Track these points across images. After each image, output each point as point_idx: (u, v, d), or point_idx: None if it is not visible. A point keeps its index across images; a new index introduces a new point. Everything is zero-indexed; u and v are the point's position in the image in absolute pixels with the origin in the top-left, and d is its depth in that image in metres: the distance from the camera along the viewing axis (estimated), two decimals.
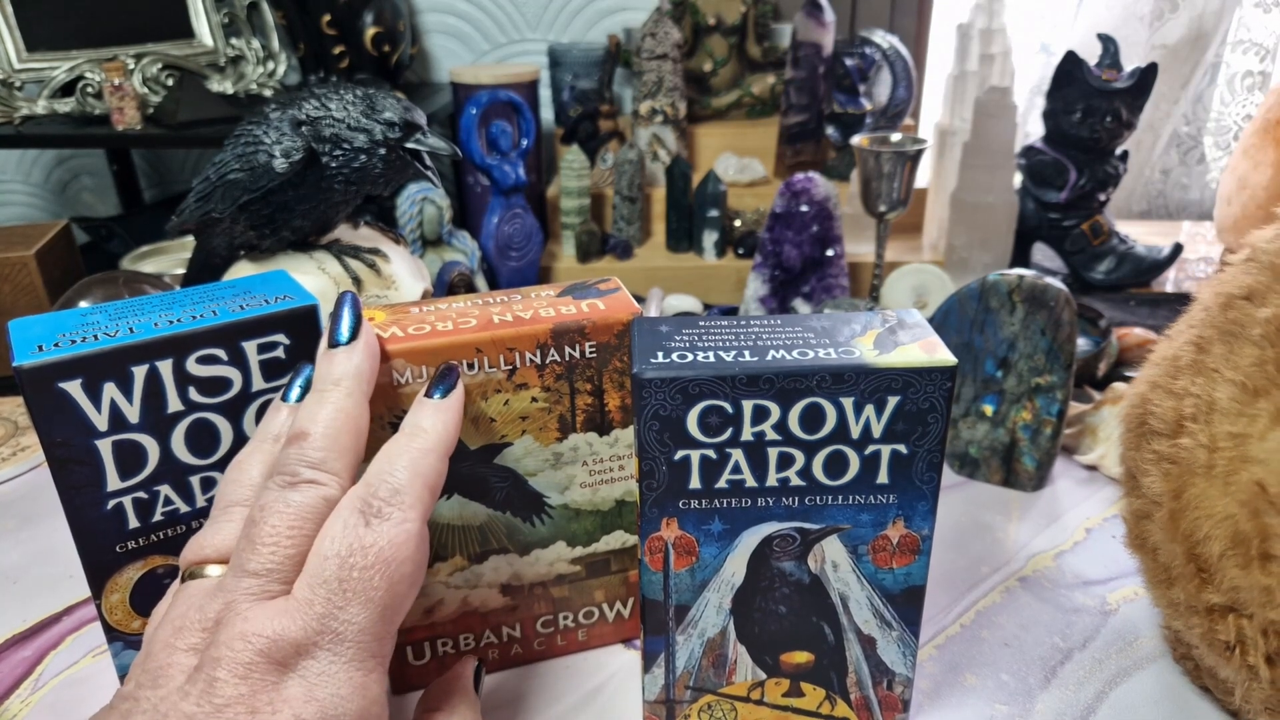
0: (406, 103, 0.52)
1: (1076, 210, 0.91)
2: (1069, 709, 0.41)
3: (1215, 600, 0.35)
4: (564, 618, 0.43)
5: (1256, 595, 0.33)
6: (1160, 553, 0.38)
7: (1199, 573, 0.35)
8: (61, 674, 0.45)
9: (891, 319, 0.35)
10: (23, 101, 1.02)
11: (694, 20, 1.05)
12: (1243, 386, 0.33)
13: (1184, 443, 0.35)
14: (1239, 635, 0.34)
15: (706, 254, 0.93)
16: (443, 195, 0.81)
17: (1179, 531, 0.35)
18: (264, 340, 0.38)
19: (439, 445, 0.32)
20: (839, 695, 0.38)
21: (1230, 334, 0.35)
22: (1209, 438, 0.34)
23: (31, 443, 0.68)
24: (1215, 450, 0.34)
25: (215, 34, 1.09)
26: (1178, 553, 0.36)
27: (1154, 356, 0.40)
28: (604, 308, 0.38)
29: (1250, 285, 0.35)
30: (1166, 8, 1.10)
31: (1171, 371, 0.37)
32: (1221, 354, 0.35)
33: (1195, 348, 0.36)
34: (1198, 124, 1.20)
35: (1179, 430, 0.36)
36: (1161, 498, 0.36)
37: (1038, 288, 0.54)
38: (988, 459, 0.58)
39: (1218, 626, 0.35)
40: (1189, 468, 0.35)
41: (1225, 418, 0.34)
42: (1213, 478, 0.34)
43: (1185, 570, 0.36)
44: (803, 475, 0.33)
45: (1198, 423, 0.35)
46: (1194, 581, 0.35)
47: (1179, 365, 0.37)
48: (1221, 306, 0.36)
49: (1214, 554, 0.34)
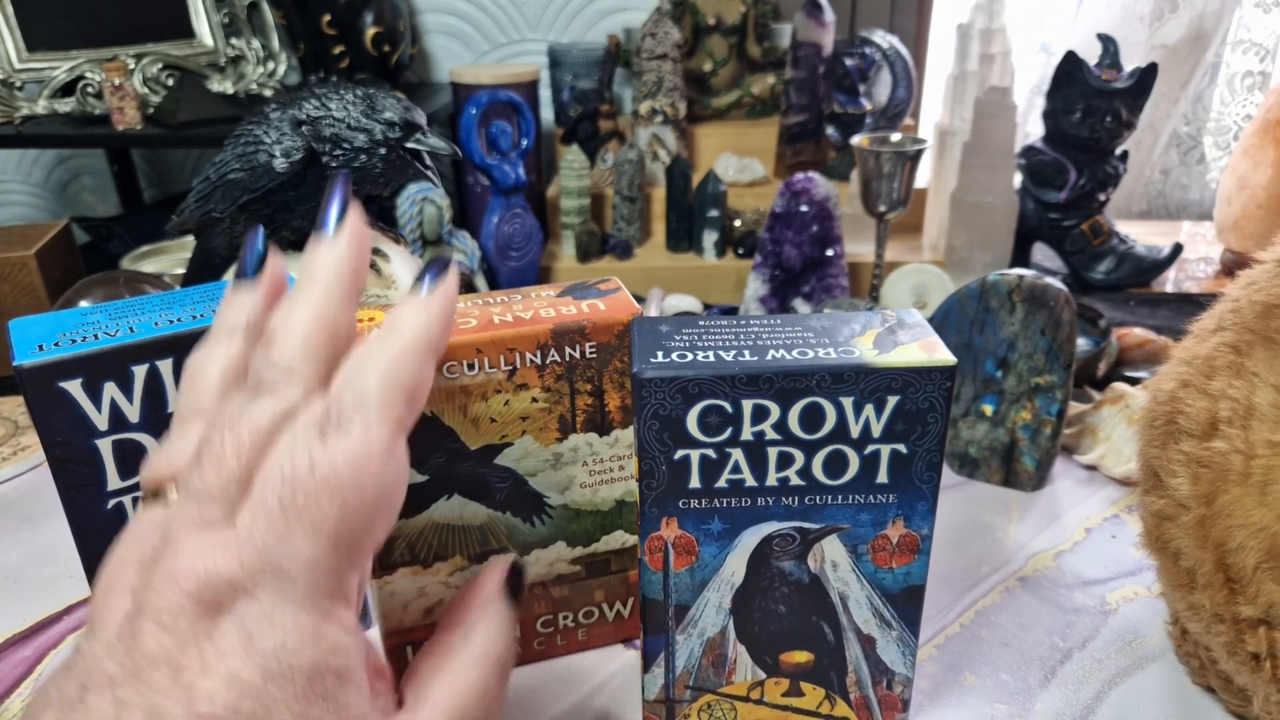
0: (406, 103, 0.52)
1: (1076, 210, 0.91)
2: (1069, 709, 0.41)
3: (1246, 612, 0.34)
4: (564, 618, 0.43)
5: None
6: (1184, 557, 0.37)
7: (1229, 582, 0.34)
8: None
9: (891, 319, 0.35)
10: (23, 101, 1.02)
11: (694, 20, 1.05)
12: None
13: (1218, 446, 0.34)
14: (1270, 649, 0.34)
15: (706, 254, 0.93)
16: (443, 195, 0.81)
17: (1209, 538, 0.35)
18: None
19: (419, 345, 0.26)
20: (839, 695, 0.38)
21: (1273, 341, 0.34)
22: (1246, 444, 0.33)
23: (31, 443, 0.68)
24: (1253, 457, 0.33)
25: (215, 34, 1.09)
26: (1206, 560, 0.35)
27: (1182, 354, 0.39)
28: (604, 308, 0.38)
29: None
30: (1166, 8, 1.10)
31: (1206, 371, 0.36)
32: (1264, 359, 0.34)
33: (1233, 350, 0.35)
34: (1198, 124, 1.20)
35: (1212, 432, 0.35)
36: (1190, 501, 0.35)
37: (1038, 288, 0.54)
38: (988, 459, 0.58)
39: (1246, 637, 0.34)
40: (1222, 473, 0.34)
41: (1265, 424, 0.33)
42: (1249, 486, 0.33)
43: (1214, 578, 0.35)
44: (802, 475, 0.33)
45: (1234, 427, 0.34)
46: (1223, 591, 0.35)
47: (1214, 366, 0.36)
48: (1260, 315, 0.35)
49: (1248, 565, 0.33)
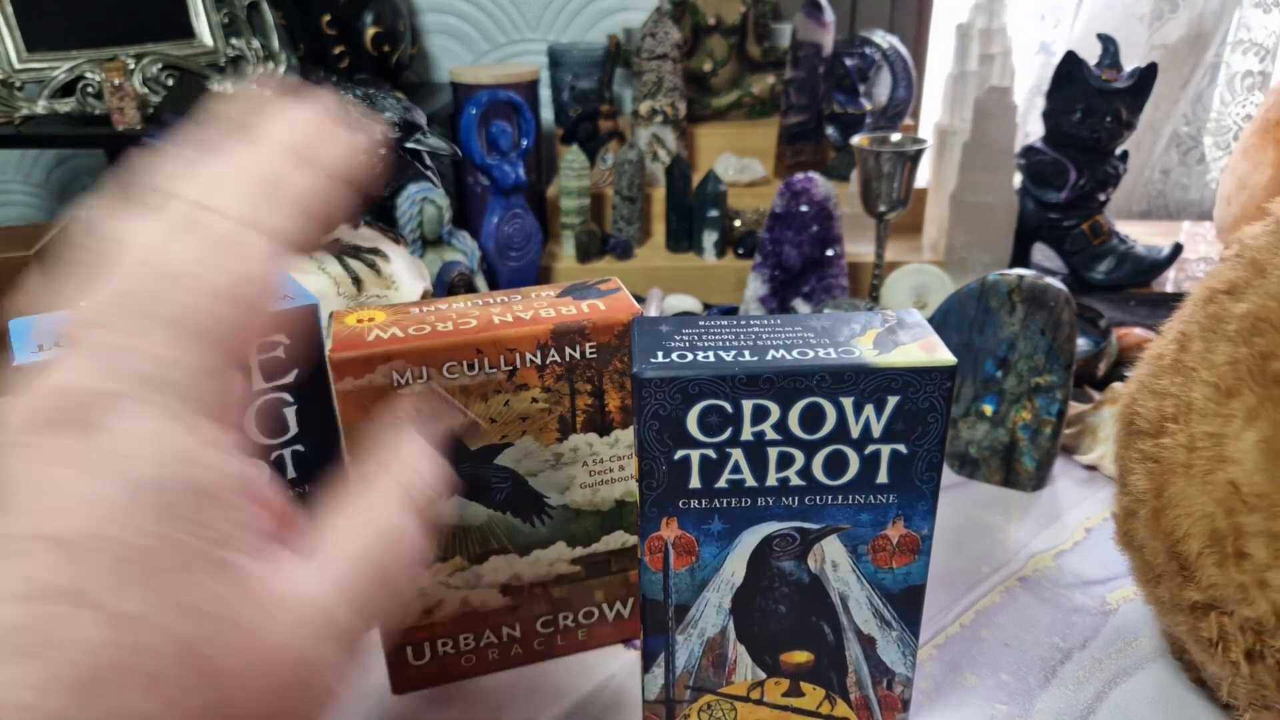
0: (406, 102, 0.52)
1: (1076, 210, 0.91)
2: (1069, 709, 0.41)
3: (1197, 598, 0.35)
4: (564, 618, 0.43)
5: (1233, 592, 0.33)
6: (1146, 550, 0.38)
7: (1180, 570, 0.35)
8: None
9: (891, 319, 0.35)
10: (23, 101, 1.02)
11: (694, 20, 1.05)
12: (1215, 387, 0.33)
13: (1165, 442, 0.35)
14: (1220, 632, 0.34)
15: (706, 254, 0.93)
16: (443, 195, 0.81)
17: (1160, 529, 0.36)
18: (263, 340, 0.38)
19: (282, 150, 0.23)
20: (839, 695, 0.38)
21: (1209, 330, 0.35)
22: (1188, 437, 0.34)
23: None
24: (1194, 450, 0.34)
25: (215, 34, 1.09)
26: (1160, 550, 0.36)
27: (1145, 355, 0.40)
28: (604, 308, 0.38)
29: (1232, 279, 0.35)
30: (1166, 8, 1.10)
31: (1155, 370, 0.37)
32: (1199, 351, 0.35)
33: (1177, 345, 0.36)
34: (1198, 124, 1.20)
35: (1161, 430, 0.36)
36: (1145, 495, 0.37)
37: (1038, 288, 0.54)
38: (988, 459, 0.58)
39: (1200, 624, 0.35)
40: (1170, 467, 0.35)
41: (1202, 418, 0.34)
42: (1191, 477, 0.34)
43: (1168, 568, 0.36)
44: (802, 475, 0.33)
45: (1177, 423, 0.35)
46: (1176, 579, 0.36)
47: (1162, 364, 0.37)
48: (1204, 301, 0.36)
49: (1193, 552, 0.34)
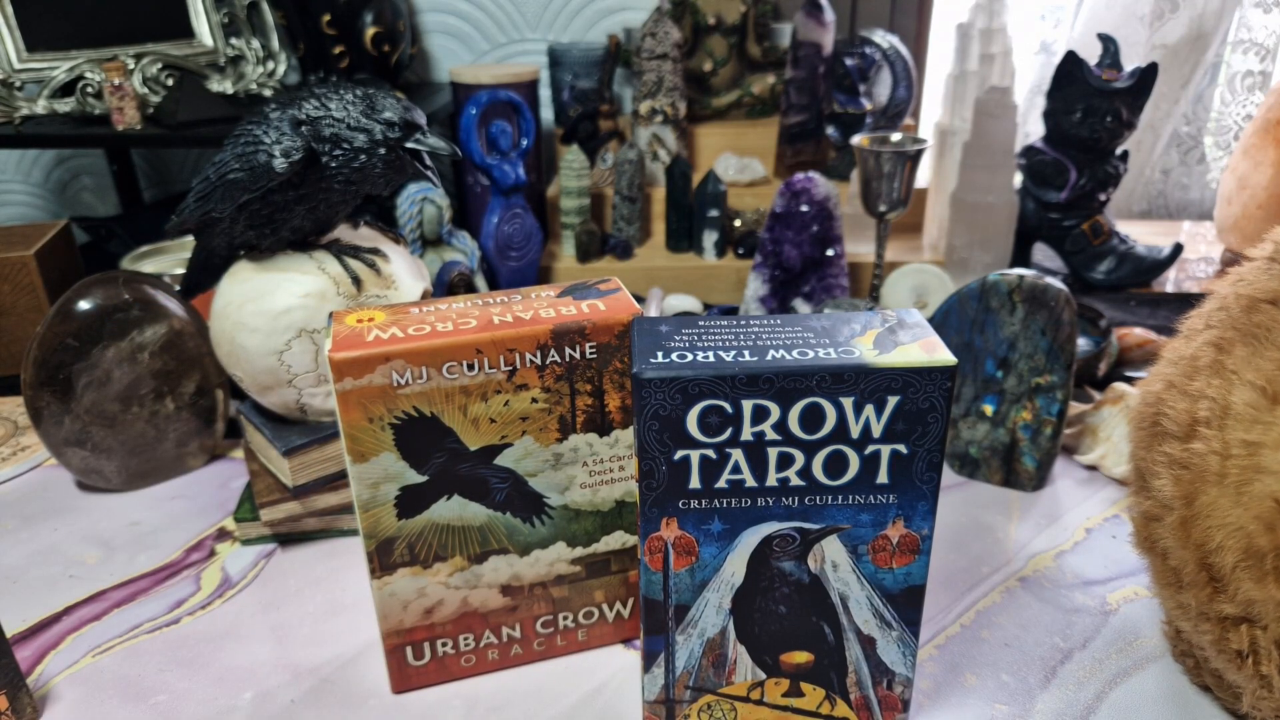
0: (406, 103, 0.51)
1: (1076, 210, 0.91)
2: (1069, 709, 0.41)
3: (1228, 610, 0.34)
4: (564, 618, 0.43)
5: (1272, 609, 0.32)
6: (1170, 557, 0.37)
7: (1211, 581, 0.35)
8: (61, 674, 0.45)
9: (891, 319, 0.35)
10: (23, 101, 1.02)
11: (694, 20, 1.05)
12: (1263, 391, 0.32)
13: (1196, 447, 0.34)
14: (1252, 645, 0.34)
15: (706, 254, 0.93)
16: (443, 195, 0.81)
17: (1190, 539, 0.35)
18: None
19: None
20: (839, 695, 0.38)
21: (1254, 337, 0.34)
22: (1222, 444, 0.33)
23: (32, 443, 0.68)
24: (1228, 458, 0.33)
25: (215, 34, 1.09)
26: (1189, 560, 0.35)
27: (1169, 354, 0.39)
28: (604, 308, 0.38)
29: (1277, 290, 0.34)
30: (1166, 8, 1.10)
31: (1189, 371, 0.36)
32: (1244, 356, 0.34)
33: (1215, 348, 0.35)
34: (1198, 124, 1.20)
35: (1192, 434, 0.35)
36: (1173, 502, 0.36)
37: (1038, 288, 0.54)
38: (988, 459, 0.58)
39: (1229, 635, 0.35)
40: (1200, 474, 0.34)
41: (1240, 424, 0.33)
42: (1225, 487, 0.33)
43: (1197, 578, 0.35)
44: (803, 475, 0.33)
45: (1211, 427, 0.34)
46: (1206, 589, 0.35)
47: (1197, 365, 0.36)
48: (1245, 309, 0.35)
49: (1227, 565, 0.33)
